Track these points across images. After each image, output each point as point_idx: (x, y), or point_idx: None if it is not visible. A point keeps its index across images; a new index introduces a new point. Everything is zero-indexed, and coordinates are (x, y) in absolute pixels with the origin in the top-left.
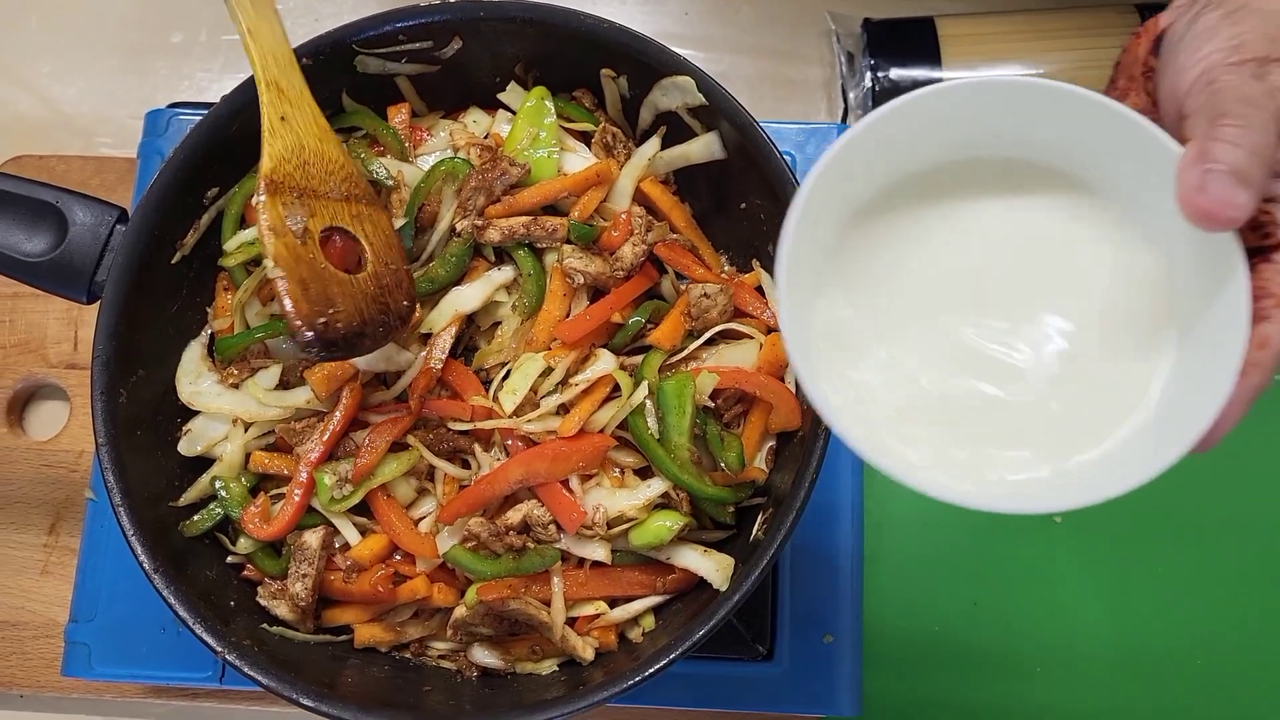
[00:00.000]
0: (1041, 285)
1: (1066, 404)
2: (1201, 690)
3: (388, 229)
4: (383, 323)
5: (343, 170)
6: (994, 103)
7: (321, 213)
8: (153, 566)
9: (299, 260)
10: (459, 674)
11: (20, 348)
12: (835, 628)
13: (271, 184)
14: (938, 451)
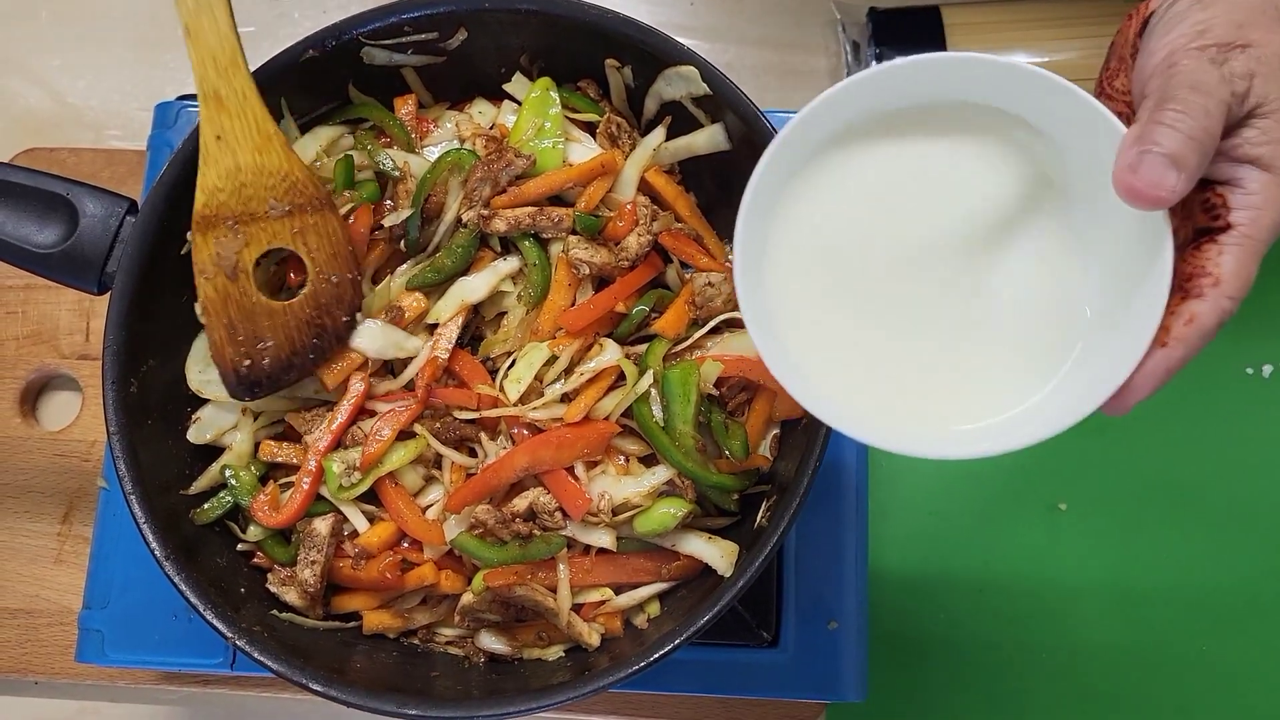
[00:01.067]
0: (987, 245)
1: (999, 360)
2: (1208, 675)
3: (335, 234)
4: (314, 348)
5: (285, 180)
6: (949, 76)
7: (259, 238)
8: (164, 554)
9: (227, 301)
10: (466, 660)
11: (33, 339)
12: (840, 614)
13: (203, 220)
14: (865, 400)
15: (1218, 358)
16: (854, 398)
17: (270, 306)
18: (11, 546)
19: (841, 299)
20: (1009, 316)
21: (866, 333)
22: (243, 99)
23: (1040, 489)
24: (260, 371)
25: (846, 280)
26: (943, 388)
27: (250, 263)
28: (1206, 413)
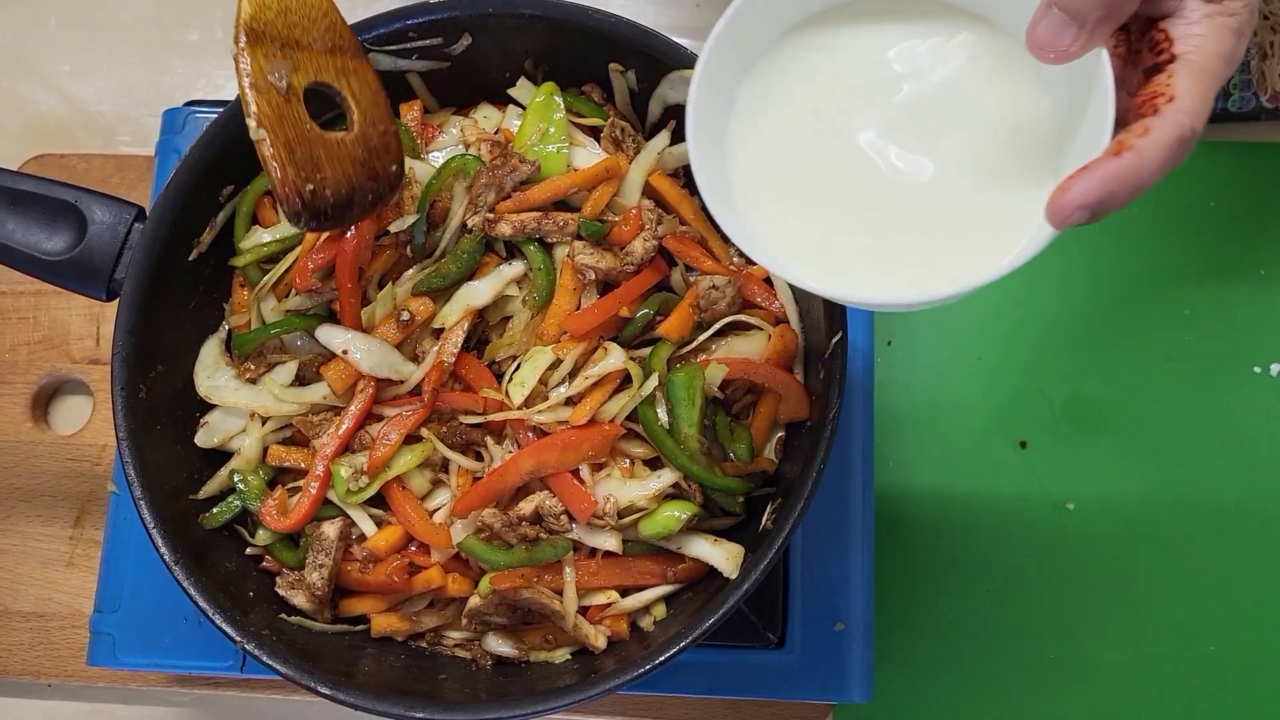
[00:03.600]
0: (940, 110)
1: (960, 223)
2: (1216, 677)
3: (374, 85)
4: (371, 189)
5: (327, 17)
6: None
7: (305, 67)
8: (173, 559)
9: (283, 120)
10: (474, 662)
11: (44, 344)
12: (846, 615)
13: (252, 32)
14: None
15: (1225, 357)
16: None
17: (324, 136)
18: (24, 550)
19: (803, 188)
20: (977, 171)
21: (833, 217)
22: None
23: (1048, 489)
24: (323, 200)
25: (806, 169)
26: (922, 254)
27: (300, 88)
28: (1214, 412)
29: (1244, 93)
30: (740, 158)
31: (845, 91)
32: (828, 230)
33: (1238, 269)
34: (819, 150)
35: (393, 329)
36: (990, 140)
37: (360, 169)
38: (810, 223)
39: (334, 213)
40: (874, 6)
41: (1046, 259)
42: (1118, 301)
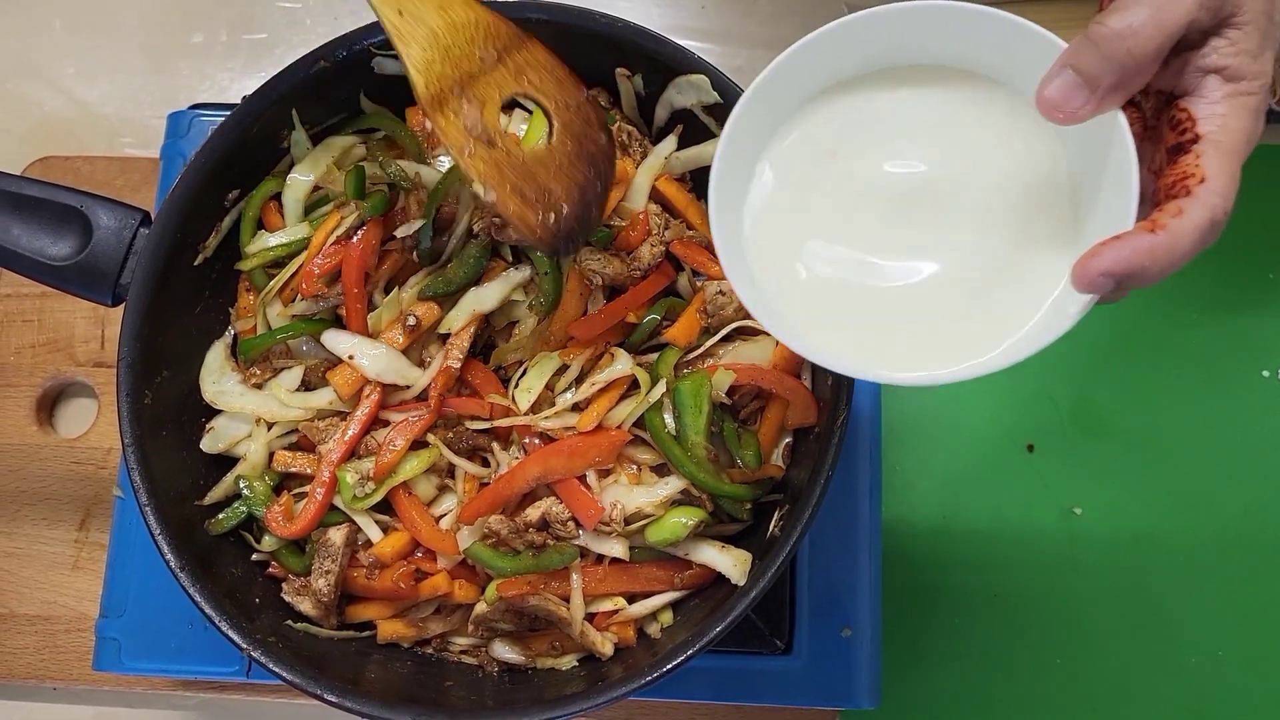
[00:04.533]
0: (955, 181)
1: (981, 300)
2: (1223, 683)
3: (549, 64)
4: (595, 177)
5: (480, 27)
6: (909, 25)
7: (489, 94)
8: (179, 565)
9: (500, 169)
10: (480, 669)
11: (49, 346)
12: (853, 621)
13: (432, 101)
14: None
15: (1234, 361)
16: (849, 343)
17: (538, 155)
18: (29, 554)
19: (825, 243)
20: (997, 246)
21: (857, 281)
22: None
23: (1055, 494)
24: (567, 220)
25: (830, 224)
26: (940, 326)
27: (495, 121)
28: (1222, 416)
29: None
30: (759, 229)
31: (863, 170)
32: (852, 312)
33: (1247, 273)
34: (832, 228)
35: (399, 334)
36: (1006, 214)
37: (579, 162)
38: (833, 305)
39: (581, 226)
40: (897, 71)
41: None
42: (1125, 306)
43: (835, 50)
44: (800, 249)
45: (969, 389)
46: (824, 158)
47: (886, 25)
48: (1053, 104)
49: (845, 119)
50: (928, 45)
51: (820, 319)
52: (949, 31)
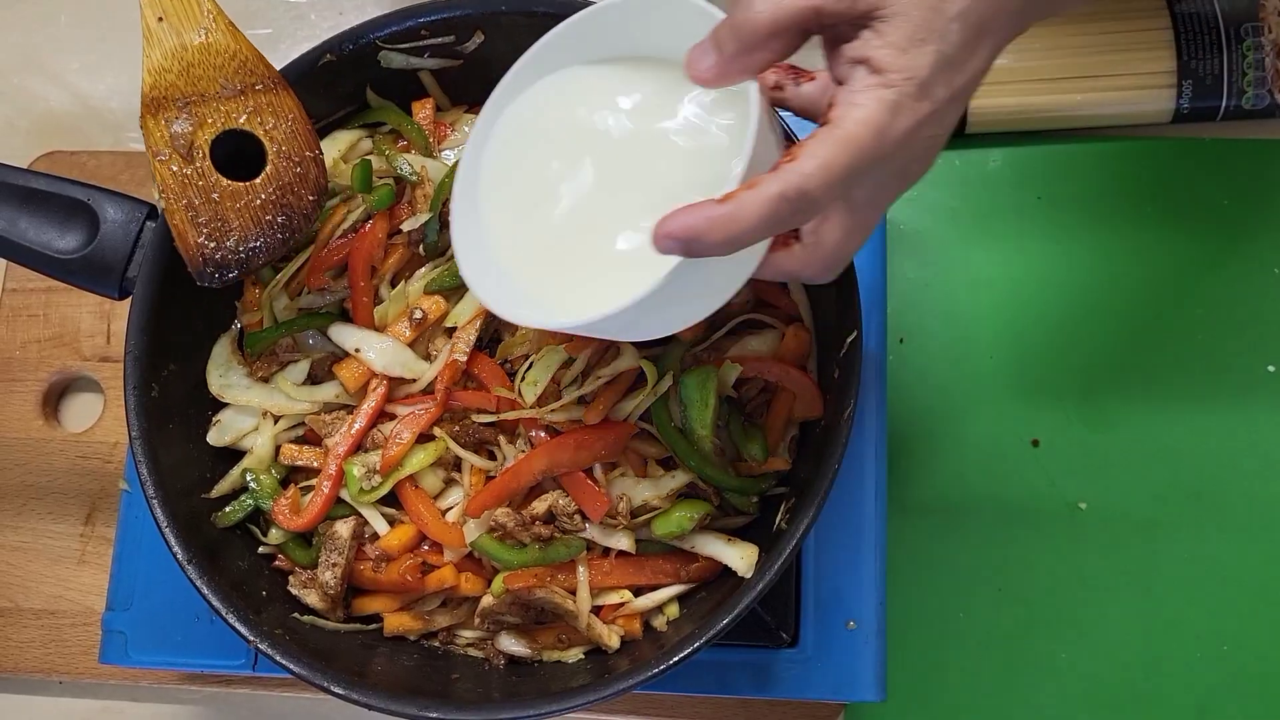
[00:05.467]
0: (644, 157)
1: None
2: (1229, 678)
3: (293, 113)
4: (282, 227)
5: (235, 59)
6: (616, 21)
7: (211, 119)
8: (186, 558)
9: (186, 185)
10: (486, 662)
11: (54, 341)
12: (859, 614)
13: (152, 103)
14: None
15: (1239, 355)
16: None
17: (232, 187)
18: (35, 548)
19: (522, 212)
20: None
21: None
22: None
23: (1060, 488)
24: (227, 253)
25: (525, 196)
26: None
27: (206, 144)
28: (1228, 411)
29: (1258, 90)
30: (483, 184)
31: (567, 132)
32: (534, 260)
33: (1252, 267)
34: (533, 183)
35: (405, 327)
36: (672, 179)
37: (272, 208)
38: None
39: (238, 263)
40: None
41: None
42: (1131, 300)
43: (565, 47)
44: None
45: (974, 383)
46: (526, 130)
47: (596, 23)
48: (688, 62)
49: (549, 96)
50: (644, 38)
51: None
52: (653, 22)
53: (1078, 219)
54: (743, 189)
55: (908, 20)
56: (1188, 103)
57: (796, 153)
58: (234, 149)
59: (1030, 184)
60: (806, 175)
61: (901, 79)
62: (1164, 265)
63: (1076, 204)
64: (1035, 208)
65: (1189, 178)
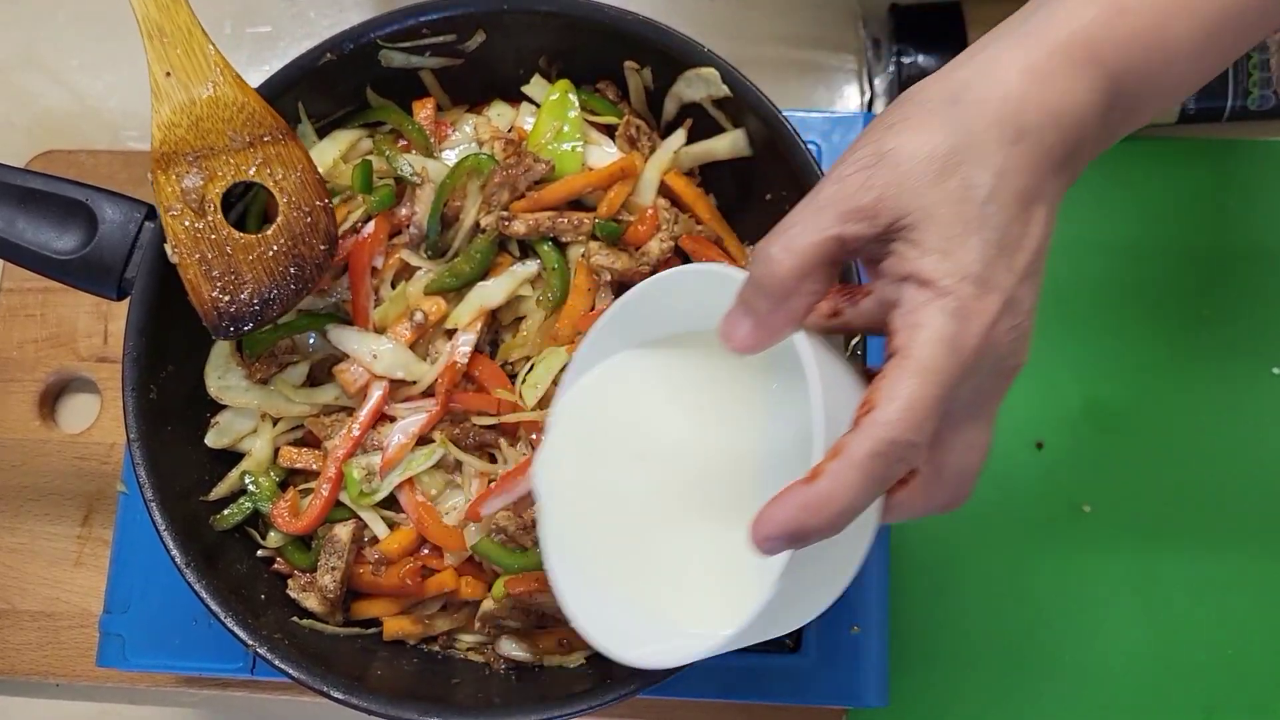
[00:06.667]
0: (718, 445)
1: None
2: (1234, 683)
3: (302, 163)
4: (295, 278)
5: (243, 111)
6: (665, 296)
7: (222, 172)
8: (185, 561)
9: (198, 240)
10: (487, 666)
11: (51, 341)
12: (862, 619)
13: (162, 158)
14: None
15: (1244, 358)
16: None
17: (244, 240)
18: (32, 549)
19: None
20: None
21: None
22: (188, 34)
23: (1064, 491)
24: (242, 306)
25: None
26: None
27: (217, 197)
28: (1232, 414)
29: (1263, 90)
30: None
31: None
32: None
33: (1257, 269)
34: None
35: (405, 329)
36: (754, 461)
37: (284, 259)
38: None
39: (252, 316)
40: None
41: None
42: (1136, 302)
43: (619, 331)
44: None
45: None
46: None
47: (633, 311)
48: (723, 334)
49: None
50: (690, 311)
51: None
52: (690, 299)
53: (1082, 221)
54: (829, 460)
55: (936, 221)
56: (1193, 103)
57: (874, 399)
58: (238, 201)
59: None
60: (892, 424)
61: (955, 283)
62: (1169, 266)
63: (1080, 205)
64: None
65: (1194, 179)
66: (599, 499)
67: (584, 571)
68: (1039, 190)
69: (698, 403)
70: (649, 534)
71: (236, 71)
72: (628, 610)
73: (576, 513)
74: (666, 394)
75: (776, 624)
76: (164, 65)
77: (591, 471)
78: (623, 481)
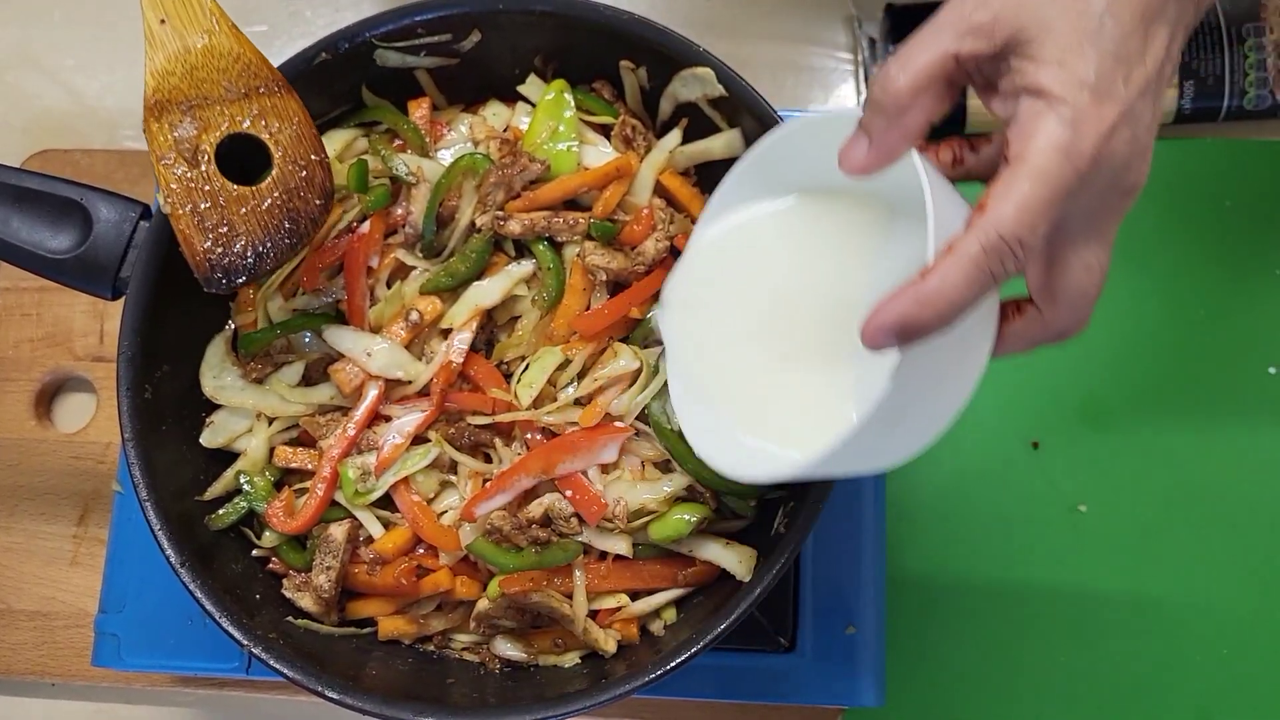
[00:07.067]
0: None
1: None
2: (1230, 682)
3: (298, 116)
4: (290, 232)
5: (238, 62)
6: (794, 149)
7: (216, 122)
8: (179, 561)
9: (191, 190)
10: (482, 666)
11: (47, 341)
12: (858, 618)
13: (155, 106)
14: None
15: (1240, 358)
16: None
17: (238, 192)
18: (28, 549)
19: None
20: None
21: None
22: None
23: (1060, 491)
24: (234, 258)
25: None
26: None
27: (212, 147)
28: (1228, 413)
29: (1260, 90)
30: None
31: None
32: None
33: (1253, 269)
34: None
35: (401, 329)
36: (872, 289)
37: (279, 212)
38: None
39: (244, 268)
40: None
41: None
42: (1132, 301)
43: (757, 178)
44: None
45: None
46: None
47: (766, 160)
48: (842, 158)
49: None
50: (824, 163)
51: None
52: (826, 147)
53: None
54: (941, 259)
55: (1054, 34)
56: (1189, 103)
57: (986, 202)
58: (232, 153)
59: None
60: (1002, 220)
61: (1071, 92)
62: (1165, 266)
63: None
64: None
65: (1190, 178)
66: (718, 333)
67: (699, 392)
68: (1160, 9)
69: (820, 254)
70: (764, 368)
71: (233, 22)
72: (735, 434)
73: (696, 343)
74: (791, 246)
75: (884, 444)
76: (158, 12)
77: (713, 308)
78: (740, 320)
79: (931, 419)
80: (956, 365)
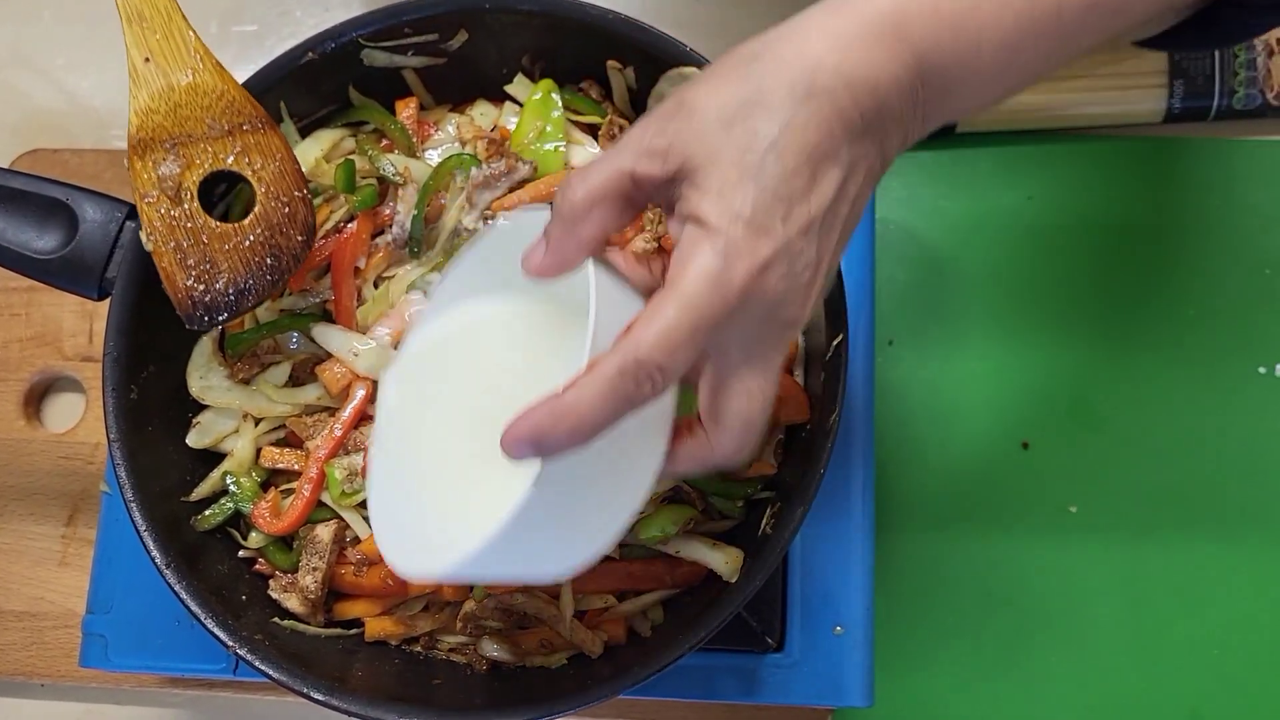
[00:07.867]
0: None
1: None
2: (1220, 683)
3: (281, 152)
4: (272, 268)
5: (222, 99)
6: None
7: (200, 159)
8: (165, 562)
9: (174, 228)
10: (469, 667)
11: (36, 341)
12: (846, 619)
13: (139, 144)
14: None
15: (1230, 357)
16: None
17: (220, 229)
18: (16, 549)
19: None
20: None
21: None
22: (167, 20)
23: (1050, 491)
24: (217, 296)
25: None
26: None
27: (194, 185)
28: (1219, 413)
29: (1250, 90)
30: None
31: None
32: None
33: (1243, 268)
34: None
35: (388, 329)
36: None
37: (261, 249)
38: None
39: (227, 306)
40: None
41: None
42: (1122, 302)
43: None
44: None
45: (964, 386)
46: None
47: (475, 261)
48: (524, 260)
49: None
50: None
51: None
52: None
53: (1068, 220)
54: (580, 375)
55: (719, 165)
56: (1179, 102)
57: (635, 325)
58: (213, 186)
59: (1021, 184)
60: (641, 345)
61: (726, 223)
62: (1154, 266)
63: (1067, 204)
64: (1026, 208)
65: (1180, 178)
66: (426, 427)
67: (396, 485)
68: (832, 151)
69: (528, 353)
70: (458, 463)
71: (217, 59)
72: (422, 529)
73: (404, 431)
74: (504, 342)
75: (540, 552)
76: (143, 50)
77: (425, 398)
78: (451, 413)
79: (596, 529)
80: (616, 478)
